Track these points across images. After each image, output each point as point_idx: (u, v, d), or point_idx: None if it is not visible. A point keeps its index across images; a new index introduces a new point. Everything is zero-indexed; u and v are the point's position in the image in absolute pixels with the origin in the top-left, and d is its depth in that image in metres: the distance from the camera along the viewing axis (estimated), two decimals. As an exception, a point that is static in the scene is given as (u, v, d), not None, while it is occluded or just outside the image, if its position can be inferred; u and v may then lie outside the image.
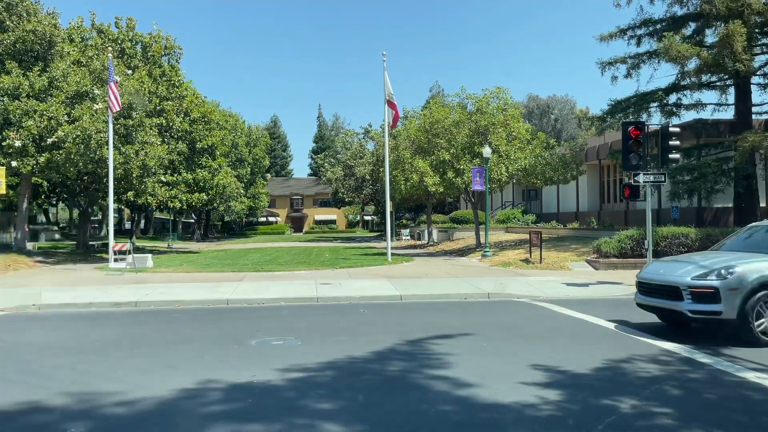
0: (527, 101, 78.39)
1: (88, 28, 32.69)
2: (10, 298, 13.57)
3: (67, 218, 69.99)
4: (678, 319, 9.06)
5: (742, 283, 8.09)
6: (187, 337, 9.25)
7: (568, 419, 5.23)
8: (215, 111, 39.96)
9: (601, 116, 25.76)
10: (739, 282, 8.10)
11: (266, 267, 21.42)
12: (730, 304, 8.08)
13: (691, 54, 20.94)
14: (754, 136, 20.28)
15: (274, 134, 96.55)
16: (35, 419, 5.35)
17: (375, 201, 57.52)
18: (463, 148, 28.05)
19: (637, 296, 9.64)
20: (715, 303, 8.18)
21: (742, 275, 8.16)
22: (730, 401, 5.76)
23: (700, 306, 8.28)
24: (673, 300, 8.64)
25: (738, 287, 8.08)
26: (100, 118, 23.95)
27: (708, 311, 8.23)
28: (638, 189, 15.56)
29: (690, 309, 8.34)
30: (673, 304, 8.64)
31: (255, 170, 63.57)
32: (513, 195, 48.64)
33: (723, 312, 8.12)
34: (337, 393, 6.05)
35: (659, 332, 9.19)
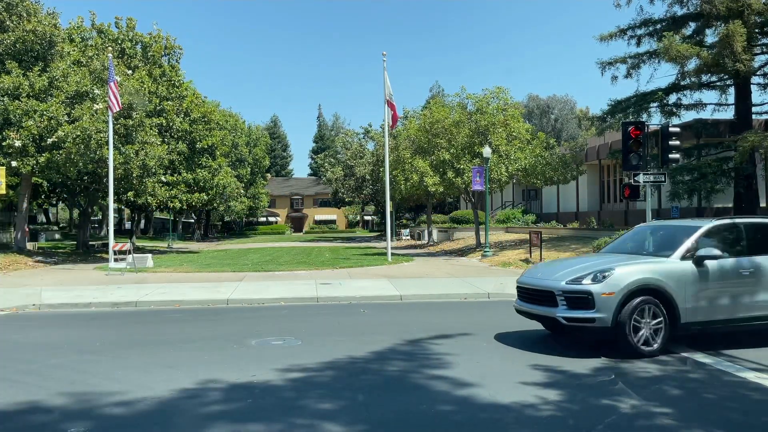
0: (527, 101, 78.38)
1: (88, 28, 32.69)
2: (9, 297, 13.57)
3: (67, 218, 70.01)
4: (561, 328, 8.18)
5: (617, 287, 7.40)
6: (187, 337, 9.24)
7: (568, 419, 5.23)
8: (215, 111, 39.96)
9: (601, 116, 25.77)
10: (615, 286, 7.41)
11: (266, 267, 21.42)
12: (605, 311, 7.37)
13: (691, 54, 20.94)
14: (754, 136, 20.28)
15: (274, 134, 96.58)
16: (35, 419, 5.35)
17: (375, 201, 57.53)
18: (463, 148, 28.06)
19: (516, 302, 8.79)
20: (589, 309, 7.45)
21: (618, 278, 7.46)
22: (730, 401, 5.76)
23: (574, 313, 7.56)
24: (548, 306, 7.90)
25: (613, 291, 7.39)
26: (100, 118, 23.95)
27: (582, 318, 7.49)
28: (638, 189, 15.57)
29: (564, 316, 7.62)
30: (548, 311, 7.88)
31: (255, 170, 63.58)
32: (513, 195, 48.64)
33: (597, 319, 7.40)
34: (337, 393, 6.05)
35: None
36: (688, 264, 7.73)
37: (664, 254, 8.03)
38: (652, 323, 7.46)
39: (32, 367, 7.29)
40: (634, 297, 7.41)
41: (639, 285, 7.44)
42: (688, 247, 7.87)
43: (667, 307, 7.51)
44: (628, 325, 7.35)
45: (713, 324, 7.73)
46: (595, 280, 7.50)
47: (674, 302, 7.50)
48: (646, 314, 7.45)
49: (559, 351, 7.91)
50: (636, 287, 7.43)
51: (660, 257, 8.01)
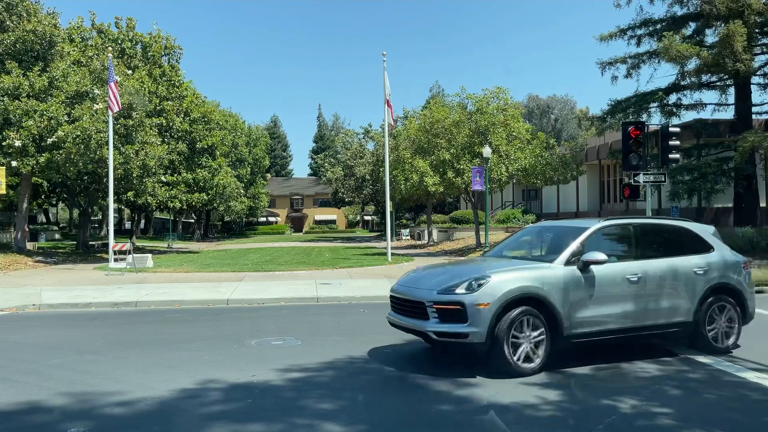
0: (527, 101, 78.39)
1: (88, 28, 32.69)
2: (9, 297, 13.57)
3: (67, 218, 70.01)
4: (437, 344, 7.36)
5: (493, 297, 6.47)
6: (187, 337, 9.24)
7: (569, 419, 5.23)
8: (215, 111, 39.96)
9: (601, 116, 25.79)
10: (491, 295, 6.48)
11: (266, 267, 21.42)
12: (479, 324, 6.43)
13: (691, 54, 20.96)
14: (754, 136, 20.29)
15: (274, 134, 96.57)
16: (35, 419, 5.35)
17: (375, 201, 57.53)
18: (463, 148, 28.06)
19: (389, 313, 7.73)
20: (461, 323, 6.50)
21: (494, 287, 6.54)
22: (729, 401, 5.76)
23: (445, 327, 6.60)
24: (419, 319, 6.91)
25: (488, 302, 6.45)
26: (100, 118, 23.95)
27: (453, 333, 6.54)
28: (638, 189, 15.57)
29: (435, 330, 6.64)
30: (419, 324, 6.90)
31: (255, 170, 63.59)
32: (513, 195, 48.63)
33: (471, 334, 6.43)
34: (337, 393, 6.05)
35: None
36: (572, 269, 6.92)
37: (549, 259, 7.22)
38: (533, 337, 6.63)
39: (32, 367, 7.29)
40: (513, 308, 6.54)
41: (518, 294, 6.57)
42: (573, 251, 7.09)
43: (549, 318, 6.69)
44: (505, 340, 6.45)
45: (600, 335, 6.99)
46: (469, 289, 6.56)
47: (557, 312, 6.70)
48: (525, 327, 6.59)
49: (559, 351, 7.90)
50: (514, 297, 6.55)
51: (544, 262, 7.17)
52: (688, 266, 7.61)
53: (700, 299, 7.57)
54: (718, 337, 7.69)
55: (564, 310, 6.75)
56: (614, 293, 7.09)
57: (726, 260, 7.94)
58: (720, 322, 7.72)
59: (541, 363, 6.64)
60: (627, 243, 7.73)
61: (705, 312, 7.60)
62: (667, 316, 7.39)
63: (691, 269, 7.61)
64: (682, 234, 8.01)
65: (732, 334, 7.82)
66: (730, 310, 7.78)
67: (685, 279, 7.53)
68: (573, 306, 6.82)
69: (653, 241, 7.93)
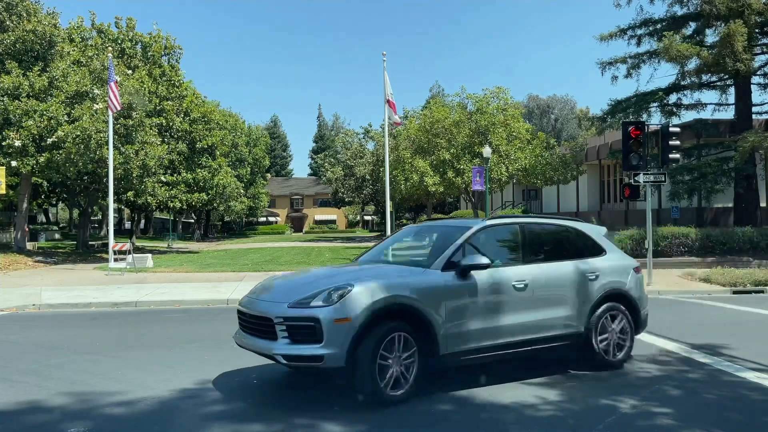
0: (527, 101, 78.41)
1: (88, 28, 32.70)
2: (9, 297, 13.57)
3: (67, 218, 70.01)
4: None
5: (355, 311, 5.38)
6: (188, 337, 9.24)
7: (568, 419, 5.23)
8: (215, 111, 39.96)
9: (602, 116, 25.80)
10: (352, 309, 5.38)
11: (266, 267, 21.42)
12: (336, 344, 5.30)
13: (691, 54, 20.97)
14: (754, 136, 20.30)
15: (274, 134, 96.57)
16: (35, 419, 5.35)
17: (375, 201, 57.56)
18: (463, 148, 28.08)
19: (236, 333, 6.44)
20: (315, 343, 5.35)
21: (357, 298, 5.44)
22: (729, 401, 5.76)
23: (296, 348, 5.42)
24: (268, 339, 5.68)
25: (349, 317, 5.36)
26: (100, 118, 23.96)
27: (306, 356, 5.37)
28: (638, 189, 15.58)
29: (284, 353, 5.44)
30: (266, 347, 5.64)
31: (255, 170, 63.58)
32: (513, 195, 48.65)
33: (327, 357, 5.29)
34: (337, 393, 6.04)
35: (658, 332, 9.19)
36: (451, 276, 6.01)
37: (425, 263, 6.27)
38: (404, 357, 5.63)
39: (32, 367, 7.29)
40: (379, 323, 5.50)
41: (385, 306, 5.53)
42: (452, 254, 6.17)
43: (423, 333, 5.74)
44: (370, 363, 5.36)
45: (484, 352, 6.09)
46: (327, 302, 5.44)
47: (432, 327, 5.74)
48: (395, 345, 5.58)
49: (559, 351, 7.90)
50: (382, 309, 5.51)
51: (419, 267, 6.20)
52: (580, 271, 6.89)
53: (592, 307, 6.82)
54: (609, 350, 6.91)
55: (441, 324, 5.79)
56: (499, 302, 6.22)
57: (619, 264, 7.28)
58: (613, 332, 6.96)
59: (409, 389, 5.63)
60: (514, 245, 6.88)
61: (597, 321, 6.84)
62: (559, 327, 6.60)
63: (583, 274, 6.87)
64: (573, 235, 7.31)
65: (624, 346, 7.04)
66: (623, 318, 7.05)
67: (577, 285, 6.79)
68: (452, 319, 5.87)
69: (543, 242, 7.15)
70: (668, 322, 10.35)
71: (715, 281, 15.48)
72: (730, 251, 19.45)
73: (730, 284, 15.05)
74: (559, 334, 6.61)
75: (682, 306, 12.76)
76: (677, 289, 14.92)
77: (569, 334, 6.68)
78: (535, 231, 7.10)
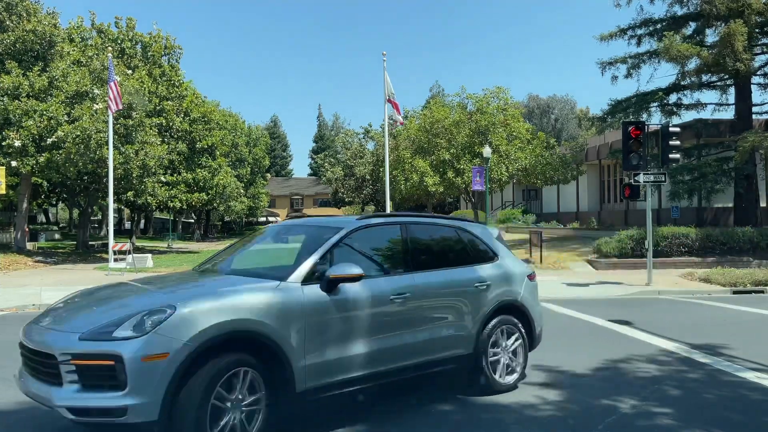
0: (527, 101, 78.40)
1: (88, 28, 32.72)
2: (9, 297, 13.57)
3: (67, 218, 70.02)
4: None
5: (176, 344, 3.99)
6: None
7: (568, 419, 5.23)
8: (215, 111, 39.98)
9: (602, 116, 25.81)
10: (170, 341, 3.98)
11: (266, 267, 21.39)
12: (145, 391, 3.88)
13: (691, 54, 20.98)
14: (754, 136, 20.31)
15: (274, 134, 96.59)
16: (35, 419, 5.34)
17: (375, 201, 57.55)
18: (463, 148, 28.09)
19: (18, 371, 4.77)
20: (115, 390, 3.90)
21: (179, 325, 4.04)
22: (729, 401, 5.76)
23: (88, 398, 3.95)
24: (50, 383, 4.16)
25: (166, 352, 3.95)
26: (100, 118, 23.96)
27: (101, 409, 3.92)
28: (638, 189, 15.59)
29: (70, 405, 3.98)
30: (47, 394, 4.12)
31: (255, 170, 63.60)
32: (513, 195, 48.66)
33: (131, 409, 3.85)
34: (336, 393, 6.03)
35: (658, 332, 9.19)
36: (313, 290, 4.74)
37: (280, 274, 4.83)
38: (247, 402, 4.30)
39: (32, 367, 7.28)
40: (212, 357, 4.12)
41: (220, 334, 4.16)
42: (316, 263, 4.91)
43: (274, 368, 4.45)
44: (198, 412, 3.97)
45: (354, 385, 4.90)
46: (137, 331, 3.97)
47: (286, 359, 4.43)
48: (237, 386, 4.25)
49: (560, 351, 7.91)
50: (213, 339, 4.13)
51: (272, 280, 4.74)
52: (470, 279, 5.90)
53: (482, 323, 5.87)
54: (502, 371, 6.01)
55: (299, 353, 4.51)
56: (375, 322, 5.06)
57: (512, 271, 6.33)
58: (505, 351, 6.07)
59: None
60: (394, 249, 5.72)
61: (488, 339, 5.87)
62: (446, 347, 5.57)
63: (473, 283, 5.89)
64: (462, 237, 6.25)
65: (518, 365, 6.16)
66: (516, 334, 6.15)
67: (466, 297, 5.80)
68: (314, 346, 4.62)
69: (428, 246, 6.01)
70: (668, 322, 10.36)
71: (715, 281, 15.48)
72: (730, 251, 19.45)
73: (730, 284, 15.05)
74: (446, 357, 5.57)
75: (681, 306, 12.76)
76: (677, 289, 14.92)
77: (457, 356, 5.66)
78: (420, 232, 5.94)
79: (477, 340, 5.79)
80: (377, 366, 5.04)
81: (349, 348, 4.87)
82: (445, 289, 5.69)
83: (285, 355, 4.44)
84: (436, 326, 5.52)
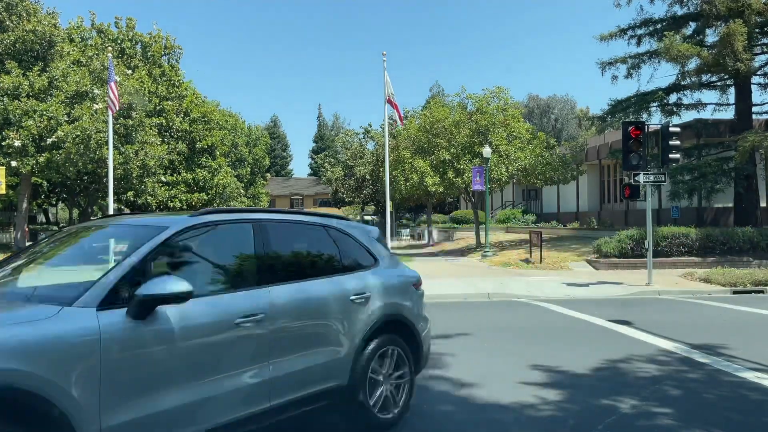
0: (527, 101, 78.35)
1: (88, 28, 32.75)
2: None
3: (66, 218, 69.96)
4: None
5: None
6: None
7: (569, 419, 5.22)
8: (215, 111, 40.00)
9: (602, 116, 25.80)
10: None
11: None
12: None
13: (691, 54, 20.97)
14: (754, 135, 20.30)
15: (274, 134, 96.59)
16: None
17: (375, 201, 57.50)
18: (463, 148, 28.06)
19: None
20: None
21: None
22: (729, 401, 5.76)
23: None
24: None
25: None
26: (99, 118, 23.97)
27: None
28: (638, 189, 15.58)
29: None
30: None
31: (255, 170, 63.60)
32: (513, 195, 48.65)
33: None
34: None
35: (658, 332, 9.19)
36: (116, 317, 3.31)
37: (65, 297, 3.34)
38: None
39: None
40: None
41: None
42: (122, 278, 3.49)
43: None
44: None
45: None
46: None
47: (65, 421, 2.99)
48: None
49: (559, 351, 7.91)
50: None
51: (51, 305, 3.27)
52: (345, 291, 4.72)
53: (360, 345, 4.69)
54: (385, 402, 4.87)
55: (89, 412, 3.08)
56: (213, 356, 3.71)
57: (396, 279, 5.30)
58: (388, 379, 4.96)
59: None
60: (241, 256, 4.32)
61: (367, 366, 4.69)
62: (315, 381, 4.36)
63: (348, 296, 4.71)
64: (334, 239, 5.05)
65: (402, 393, 5.07)
66: (401, 355, 5.07)
67: (340, 313, 4.62)
68: (115, 399, 3.20)
69: (290, 250, 4.68)
70: (668, 322, 10.36)
71: (715, 281, 15.47)
72: (730, 251, 19.44)
73: (730, 284, 15.04)
74: (315, 393, 4.35)
75: (681, 306, 12.75)
76: (677, 289, 14.92)
77: (329, 390, 4.45)
78: (280, 233, 4.59)
79: (354, 368, 4.61)
80: (216, 418, 3.65)
81: (171, 397, 3.43)
82: (312, 305, 4.45)
83: (66, 417, 2.97)
84: (301, 355, 4.26)
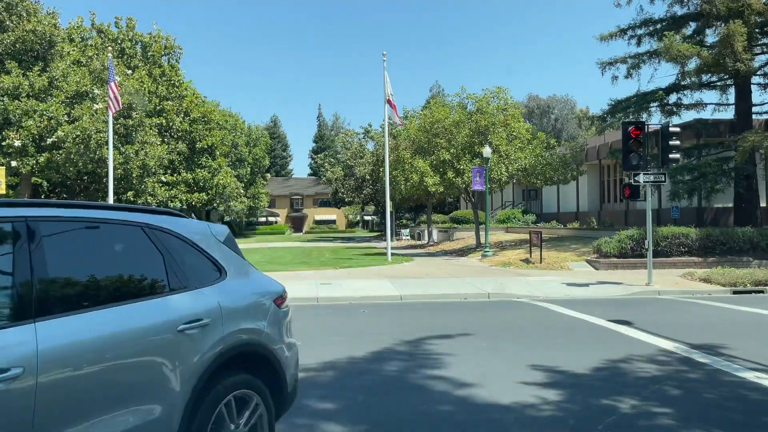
0: (527, 101, 78.36)
1: (88, 28, 32.75)
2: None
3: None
4: None
5: None
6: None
7: (569, 419, 5.23)
8: (215, 111, 40.01)
9: (602, 116, 25.80)
10: None
11: (266, 267, 21.39)
12: None
13: (691, 54, 20.97)
14: (754, 135, 20.30)
15: (274, 134, 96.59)
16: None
17: (375, 201, 57.50)
18: (463, 148, 28.07)
19: None
20: None
21: None
22: (729, 401, 5.76)
23: None
24: None
25: None
26: (100, 118, 23.98)
27: None
28: (638, 189, 15.58)
29: None
30: None
31: (255, 170, 63.64)
32: (513, 195, 48.64)
33: None
34: (337, 393, 6.04)
35: (658, 332, 9.19)
36: None
37: None
38: None
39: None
40: None
41: None
42: None
43: None
44: None
45: None
46: None
47: None
48: None
49: (559, 351, 7.91)
50: None
51: None
52: (168, 320, 3.25)
53: (192, 395, 3.25)
54: None
55: None
56: None
57: (248, 296, 3.96)
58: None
59: None
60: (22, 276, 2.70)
61: (205, 423, 3.30)
62: None
63: (173, 327, 3.25)
64: (157, 245, 3.48)
65: None
66: (255, 401, 3.70)
67: (162, 353, 3.16)
68: None
69: (81, 264, 3.05)
70: (668, 322, 10.36)
71: (715, 281, 15.48)
72: (730, 251, 19.44)
73: (730, 284, 15.04)
74: None
75: (681, 306, 12.76)
76: (677, 289, 14.93)
77: None
78: (60, 237, 3.00)
79: (184, 428, 3.19)
80: None
81: None
82: (112, 345, 2.91)
83: None
84: (90, 425, 2.75)
